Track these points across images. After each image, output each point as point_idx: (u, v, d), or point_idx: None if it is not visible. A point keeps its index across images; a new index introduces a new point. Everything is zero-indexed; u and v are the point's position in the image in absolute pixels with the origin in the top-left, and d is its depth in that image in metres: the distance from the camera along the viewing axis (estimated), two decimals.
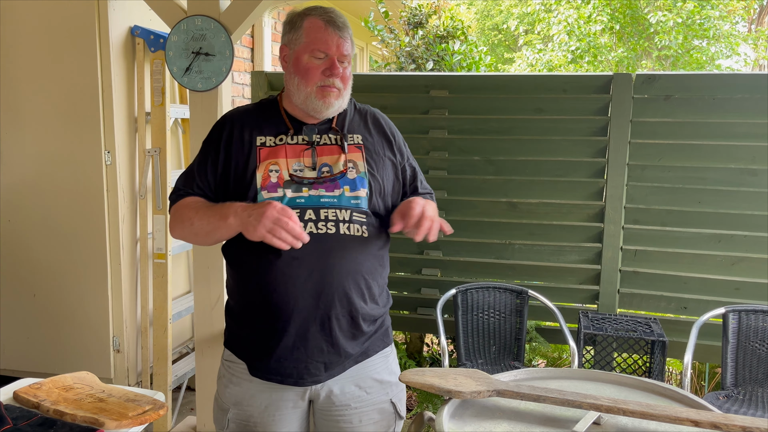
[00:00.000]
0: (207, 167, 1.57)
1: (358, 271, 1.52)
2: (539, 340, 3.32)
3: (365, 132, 1.63)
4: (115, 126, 2.83)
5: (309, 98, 1.51)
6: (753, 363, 2.72)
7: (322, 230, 1.48)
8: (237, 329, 1.59)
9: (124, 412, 1.68)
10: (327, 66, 1.50)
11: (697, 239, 3.03)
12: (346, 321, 1.52)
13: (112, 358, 2.95)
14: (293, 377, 1.52)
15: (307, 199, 1.49)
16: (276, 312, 1.48)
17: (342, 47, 1.51)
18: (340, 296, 1.49)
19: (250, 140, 1.55)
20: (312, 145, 1.55)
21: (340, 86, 1.52)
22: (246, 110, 1.63)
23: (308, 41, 1.50)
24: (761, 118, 2.95)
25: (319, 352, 1.51)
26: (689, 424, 1.10)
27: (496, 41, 15.90)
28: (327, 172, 1.53)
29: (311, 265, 1.47)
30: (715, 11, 9.65)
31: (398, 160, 1.66)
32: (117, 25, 2.83)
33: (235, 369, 1.59)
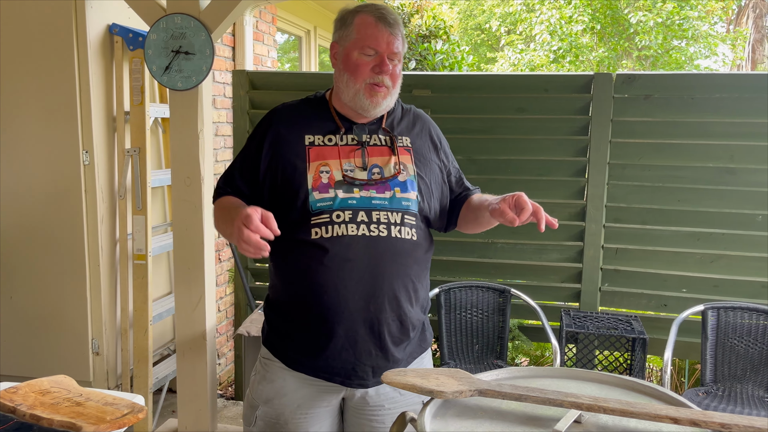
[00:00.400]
0: (249, 166, 1.56)
1: (407, 275, 1.52)
2: (522, 338, 3.33)
3: (413, 134, 1.63)
4: (93, 125, 2.79)
5: (357, 96, 1.51)
6: (732, 359, 2.75)
7: (374, 233, 1.47)
8: (282, 324, 1.58)
9: (102, 417, 1.65)
10: (376, 63, 1.49)
11: (677, 237, 3.07)
12: (395, 325, 1.53)
13: (92, 360, 2.90)
14: (341, 376, 1.52)
15: (358, 201, 1.48)
16: (326, 313, 1.48)
17: (392, 44, 1.49)
18: (390, 300, 1.50)
19: (298, 139, 1.53)
20: (363, 146, 1.54)
21: (389, 84, 1.51)
22: (293, 107, 1.62)
23: (358, 38, 1.50)
24: (739, 117, 2.99)
25: (368, 355, 1.51)
26: (668, 421, 1.10)
27: (478, 41, 15.96)
28: (378, 174, 1.52)
29: (363, 268, 1.47)
30: (694, 12, 9.78)
31: (444, 164, 1.67)
32: (94, 23, 2.79)
33: (271, 366, 1.58)
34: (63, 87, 2.77)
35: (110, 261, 2.93)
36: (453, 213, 1.68)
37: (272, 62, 4.52)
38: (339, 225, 1.47)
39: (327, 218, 1.47)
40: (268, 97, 3.48)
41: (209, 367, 2.55)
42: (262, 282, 3.62)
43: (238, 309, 3.65)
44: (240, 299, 3.61)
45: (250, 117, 3.48)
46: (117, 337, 2.98)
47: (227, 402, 3.57)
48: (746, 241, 2.99)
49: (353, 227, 1.47)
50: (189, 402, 2.56)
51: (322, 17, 6.02)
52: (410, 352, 1.59)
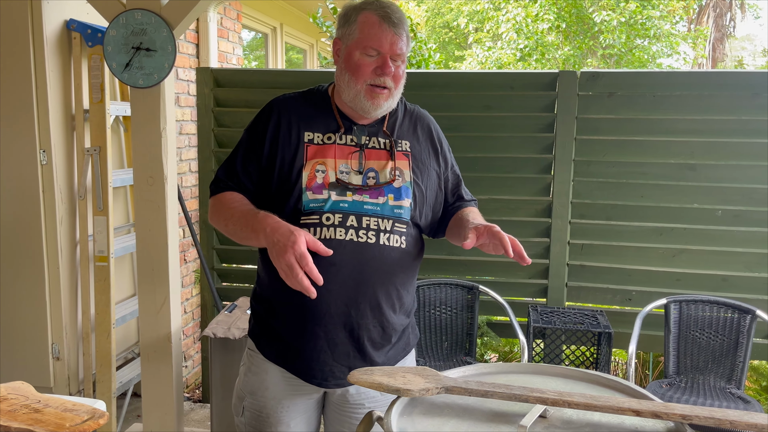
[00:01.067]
0: (251, 159, 1.53)
1: (392, 283, 1.52)
2: (490, 334, 3.36)
3: (414, 138, 1.59)
4: (51, 124, 2.71)
5: (358, 97, 1.48)
6: (694, 351, 2.81)
7: (362, 239, 1.46)
8: (266, 318, 1.58)
9: (61, 423, 1.61)
10: (379, 64, 1.46)
11: (640, 232, 3.12)
12: (377, 331, 1.52)
13: (52, 366, 2.83)
14: (317, 378, 1.53)
15: (350, 204, 1.47)
16: (307, 314, 1.48)
17: (396, 45, 1.46)
18: (372, 307, 1.50)
19: (298, 135, 1.51)
20: (361, 148, 1.51)
21: (391, 86, 1.48)
22: (294, 99, 1.58)
23: (361, 37, 1.46)
24: (699, 114, 3.06)
25: (346, 357, 1.51)
26: (631, 413, 1.12)
27: (446, 39, 16.03)
28: (373, 178, 1.50)
29: (347, 274, 1.46)
30: (656, 11, 9.98)
31: (442, 170, 1.64)
32: (51, 19, 2.71)
33: (255, 358, 1.59)
34: (19, 85, 2.68)
35: (70, 263, 2.85)
36: (443, 222, 1.66)
37: (238, 60, 4.46)
38: (328, 228, 1.45)
39: (317, 219, 1.45)
40: (234, 94, 3.43)
41: (175, 369, 2.50)
42: (228, 283, 3.58)
43: (205, 310, 3.59)
44: (207, 300, 3.56)
45: (215, 115, 3.42)
46: (78, 341, 2.91)
47: (194, 405, 3.52)
48: (706, 236, 3.06)
49: (341, 231, 1.45)
50: (154, 406, 2.51)
51: (289, 14, 5.97)
52: (392, 356, 1.59)
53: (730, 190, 3.03)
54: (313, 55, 7.12)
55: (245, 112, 3.38)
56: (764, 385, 3.46)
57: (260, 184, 1.54)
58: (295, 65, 7.11)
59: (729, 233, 3.03)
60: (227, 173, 1.56)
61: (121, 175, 2.99)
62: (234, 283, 3.57)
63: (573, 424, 1.15)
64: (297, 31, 6.35)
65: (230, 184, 1.55)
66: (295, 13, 5.99)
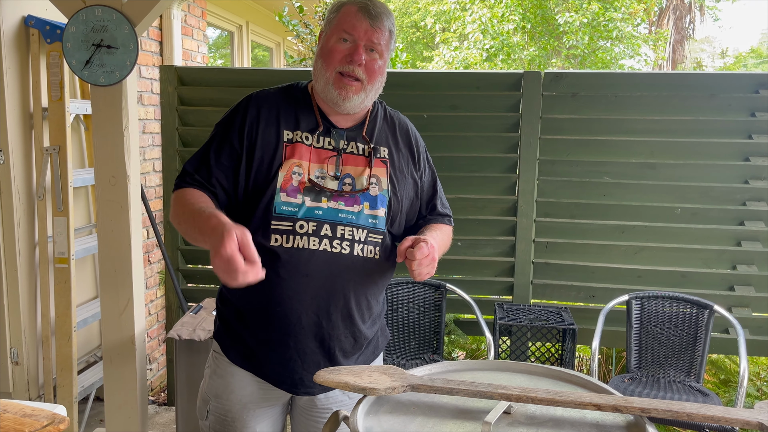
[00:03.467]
0: (225, 152, 1.44)
1: (364, 294, 1.49)
2: (457, 332, 3.38)
3: (392, 145, 1.54)
4: (8, 123, 2.64)
5: (327, 86, 1.43)
6: (654, 346, 2.88)
7: (336, 249, 1.41)
8: (233, 322, 1.52)
9: (20, 429, 1.57)
10: (350, 51, 1.41)
11: (603, 230, 3.18)
12: (348, 341, 1.50)
13: (11, 370, 2.75)
14: (287, 384, 1.50)
15: (325, 212, 1.41)
16: (277, 324, 1.44)
17: (372, 35, 1.42)
18: (344, 318, 1.46)
19: (277, 132, 1.44)
20: (339, 153, 1.47)
21: (363, 77, 1.42)
22: (273, 95, 1.51)
23: (338, 24, 1.43)
24: (658, 114, 3.13)
25: (316, 366, 1.46)
26: (592, 408, 1.14)
27: (414, 39, 16.09)
28: (349, 185, 1.45)
29: (319, 285, 1.42)
30: (618, 13, 10.18)
31: (419, 177, 1.58)
32: (8, 15, 2.64)
33: (221, 361, 1.54)
34: None
35: (29, 265, 2.78)
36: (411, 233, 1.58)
37: (203, 58, 4.40)
38: (301, 237, 1.40)
39: (290, 226, 1.40)
40: (198, 93, 3.39)
41: (139, 372, 2.46)
42: (194, 284, 3.53)
43: (170, 312, 3.54)
44: (172, 302, 3.51)
45: (179, 114, 3.37)
46: (38, 345, 2.83)
47: (159, 408, 3.46)
48: (666, 233, 3.13)
49: (315, 241, 1.40)
50: (117, 410, 2.46)
51: (255, 13, 5.92)
52: (362, 362, 1.56)
53: (689, 188, 3.11)
54: (280, 53, 7.07)
55: (210, 111, 3.34)
56: (722, 378, 3.56)
57: (232, 180, 1.45)
58: (261, 63, 7.05)
59: (687, 231, 3.12)
60: (196, 166, 1.46)
61: (82, 175, 2.93)
62: (199, 284, 3.53)
63: (536, 419, 1.17)
64: (263, 30, 6.29)
65: (198, 178, 1.44)
66: (261, 11, 5.94)
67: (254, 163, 1.42)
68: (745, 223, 3.09)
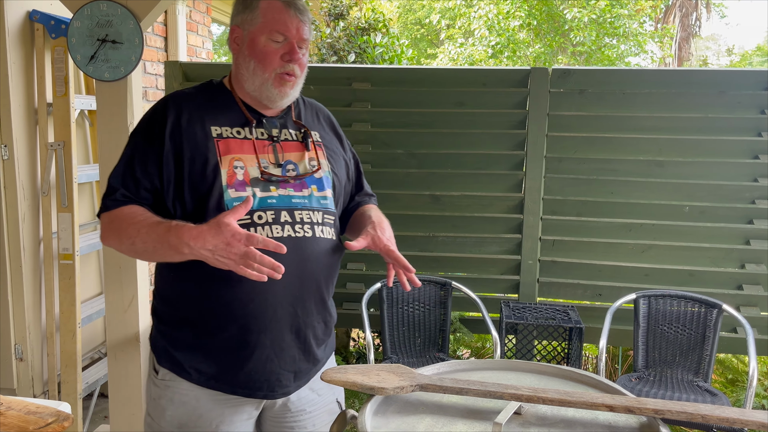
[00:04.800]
0: (150, 161, 1.36)
1: (330, 276, 1.47)
2: (463, 330, 3.37)
3: (320, 128, 1.54)
4: (13, 118, 2.63)
5: (264, 85, 1.39)
6: (662, 345, 2.86)
7: (299, 233, 1.37)
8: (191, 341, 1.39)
9: (24, 426, 1.56)
10: (286, 50, 1.38)
11: (610, 228, 3.16)
12: (321, 327, 1.46)
13: (15, 367, 2.75)
14: (263, 390, 1.40)
15: (278, 200, 1.37)
16: (251, 323, 1.35)
17: (302, 31, 1.39)
18: (317, 303, 1.43)
19: (204, 130, 1.38)
20: (273, 141, 1.43)
21: (298, 73, 1.41)
22: (190, 94, 1.46)
23: (266, 22, 1.37)
24: (666, 112, 3.10)
25: (292, 361, 1.42)
26: (604, 409, 1.12)
27: (418, 36, 16.05)
28: (293, 171, 1.42)
29: (291, 272, 1.33)
30: (625, 10, 10.13)
31: (348, 158, 1.59)
32: (13, 10, 2.63)
33: (177, 387, 1.41)
34: None
35: (33, 262, 2.77)
36: (345, 216, 1.59)
37: (207, 53, 4.39)
38: (262, 227, 1.35)
39: (248, 219, 1.33)
40: None
41: (143, 368, 2.45)
42: None
43: None
44: None
45: None
46: (43, 341, 2.83)
47: None
48: (674, 232, 3.11)
49: (278, 228, 1.35)
50: (122, 406, 2.45)
51: None
52: (329, 350, 1.54)
53: (697, 186, 3.08)
54: None
55: None
56: (730, 377, 3.54)
57: (162, 188, 1.37)
58: None
59: (696, 229, 3.09)
60: (123, 181, 1.37)
61: (87, 171, 2.92)
62: None
63: (547, 420, 1.15)
64: None
65: (126, 194, 1.36)
66: None
67: (185, 164, 1.35)
68: (754, 221, 3.06)
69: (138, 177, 1.37)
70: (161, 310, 1.45)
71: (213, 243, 1.20)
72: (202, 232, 1.21)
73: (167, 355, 1.42)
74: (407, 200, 3.25)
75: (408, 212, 3.25)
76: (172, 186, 1.36)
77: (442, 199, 3.23)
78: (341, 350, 3.69)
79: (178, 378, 1.41)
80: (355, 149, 3.45)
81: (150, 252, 1.32)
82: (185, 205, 1.36)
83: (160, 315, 1.45)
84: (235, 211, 1.21)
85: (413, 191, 3.24)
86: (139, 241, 1.30)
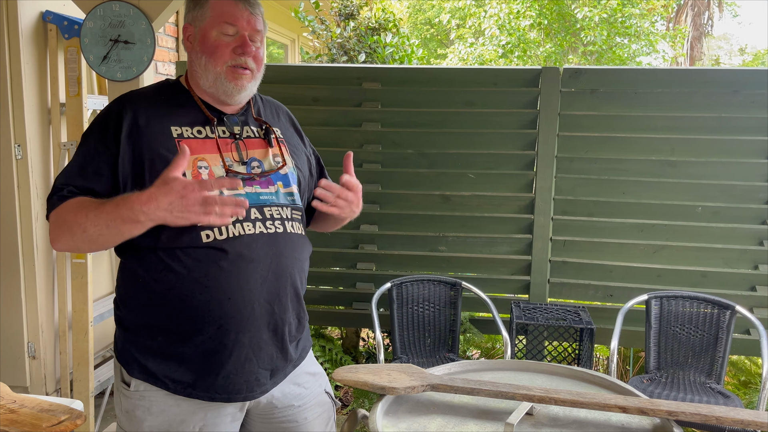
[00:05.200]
0: (103, 164, 1.31)
1: (303, 270, 1.46)
2: (473, 331, 3.36)
3: (280, 124, 1.55)
4: (26, 118, 2.65)
5: (218, 80, 1.37)
6: (674, 347, 2.84)
7: (271, 229, 1.36)
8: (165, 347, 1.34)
9: (37, 424, 1.57)
10: (238, 44, 1.37)
11: (621, 229, 3.14)
12: (295, 324, 1.44)
13: (28, 365, 2.77)
14: (242, 392, 1.37)
15: (246, 197, 1.35)
16: (229, 323, 1.32)
17: (254, 23, 1.38)
18: (292, 298, 1.41)
19: (164, 131, 1.34)
20: (236, 139, 1.42)
21: (253, 67, 1.39)
22: (147, 94, 1.43)
23: (215, 15, 1.36)
24: (679, 111, 3.08)
25: (269, 359, 1.39)
26: (617, 410, 1.12)
27: (428, 35, 16.03)
28: (258, 168, 1.41)
29: (266, 268, 1.34)
30: (636, 9, 10.07)
31: (309, 153, 1.61)
32: (27, 11, 2.65)
33: (154, 397, 1.35)
34: None
35: (46, 260, 2.80)
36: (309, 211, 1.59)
37: None
38: (234, 225, 1.32)
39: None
40: None
41: None
42: None
43: None
44: None
45: None
46: (55, 339, 2.85)
47: None
48: (686, 232, 3.08)
49: (249, 225, 1.34)
50: None
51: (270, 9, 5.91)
52: (302, 348, 1.51)
53: (710, 186, 3.06)
54: (295, 49, 7.07)
55: None
56: (743, 380, 3.50)
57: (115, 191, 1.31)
58: (275, 61, 7.04)
59: (708, 229, 3.06)
60: (69, 180, 1.31)
61: None
62: None
63: (560, 421, 1.15)
64: (278, 26, 6.29)
65: (74, 191, 1.30)
66: (277, 7, 5.93)
67: (145, 166, 1.31)
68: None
69: (89, 177, 1.31)
70: (127, 318, 1.39)
71: (167, 200, 1.16)
72: (152, 194, 1.17)
73: (138, 365, 1.36)
74: (417, 200, 3.25)
75: (418, 212, 3.25)
76: (129, 189, 1.31)
77: (452, 199, 3.23)
78: (351, 350, 3.69)
79: (153, 387, 1.36)
80: (365, 148, 3.47)
81: (105, 235, 1.24)
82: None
83: (126, 324, 1.39)
84: (175, 164, 1.18)
85: (423, 191, 3.24)
86: (90, 225, 1.23)
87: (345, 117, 3.27)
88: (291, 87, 3.28)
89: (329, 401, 1.53)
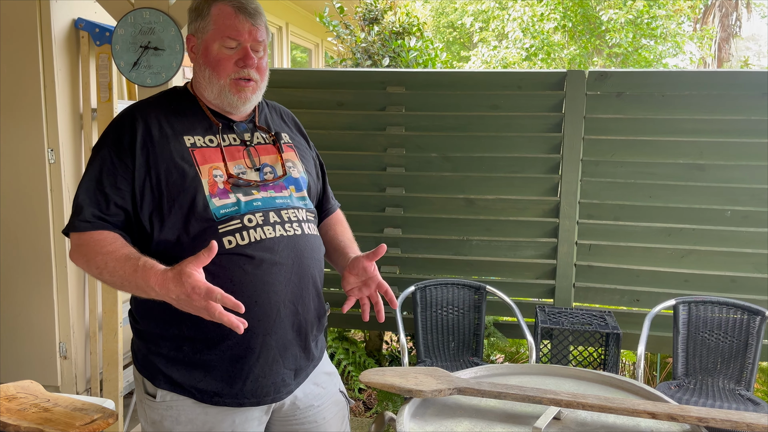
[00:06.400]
0: (120, 177, 1.33)
1: (321, 270, 1.49)
2: (497, 335, 3.34)
3: (288, 130, 1.57)
4: (59, 123, 2.72)
5: (223, 92, 1.39)
6: (703, 353, 2.80)
7: (290, 232, 1.39)
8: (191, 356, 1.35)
9: (70, 422, 1.61)
10: (240, 56, 1.38)
11: (648, 233, 3.10)
12: (316, 323, 1.47)
13: (59, 364, 2.83)
14: (270, 395, 1.39)
15: (263, 201, 1.38)
16: (258, 329, 1.33)
17: (256, 34, 1.39)
18: (313, 298, 1.44)
19: (177, 140, 1.36)
20: (247, 145, 1.44)
21: (257, 78, 1.41)
22: (157, 103, 1.44)
23: (217, 28, 1.37)
24: (707, 114, 3.04)
25: (294, 359, 1.42)
26: (646, 416, 1.11)
27: (451, 39, 16.01)
28: (270, 173, 1.43)
29: (290, 270, 1.37)
30: (662, 10, 9.94)
31: (314, 156, 1.63)
32: (59, 18, 2.71)
33: (181, 407, 1.36)
34: (27, 83, 2.69)
35: None
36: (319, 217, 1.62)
37: None
38: (255, 229, 1.34)
39: (238, 224, 1.33)
40: None
41: None
42: None
43: None
44: None
45: None
46: (86, 340, 2.91)
47: None
48: (715, 237, 3.04)
49: (270, 229, 1.36)
50: None
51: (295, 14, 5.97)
52: (321, 346, 1.54)
53: (739, 190, 3.01)
54: (319, 54, 7.12)
55: None
56: None
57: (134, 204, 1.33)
58: (299, 65, 7.10)
59: (738, 234, 3.01)
60: (91, 198, 1.32)
61: None
62: None
63: (587, 426, 1.14)
64: (303, 31, 6.35)
65: (97, 213, 1.31)
66: (301, 12, 5.99)
67: (161, 177, 1.32)
68: None
69: (107, 193, 1.32)
70: (147, 329, 1.40)
71: (175, 293, 1.16)
72: (167, 280, 1.18)
73: (163, 376, 1.37)
74: (441, 203, 3.25)
75: (442, 215, 3.25)
76: (146, 200, 1.33)
77: (476, 203, 3.22)
78: (374, 353, 3.70)
79: (180, 396, 1.36)
80: (389, 152, 3.48)
81: (118, 286, 1.29)
82: (163, 218, 1.33)
83: (146, 335, 1.40)
84: (198, 259, 1.16)
85: (447, 194, 3.24)
86: (106, 273, 1.27)
87: (369, 121, 3.29)
88: (316, 91, 3.31)
89: (344, 400, 1.56)
